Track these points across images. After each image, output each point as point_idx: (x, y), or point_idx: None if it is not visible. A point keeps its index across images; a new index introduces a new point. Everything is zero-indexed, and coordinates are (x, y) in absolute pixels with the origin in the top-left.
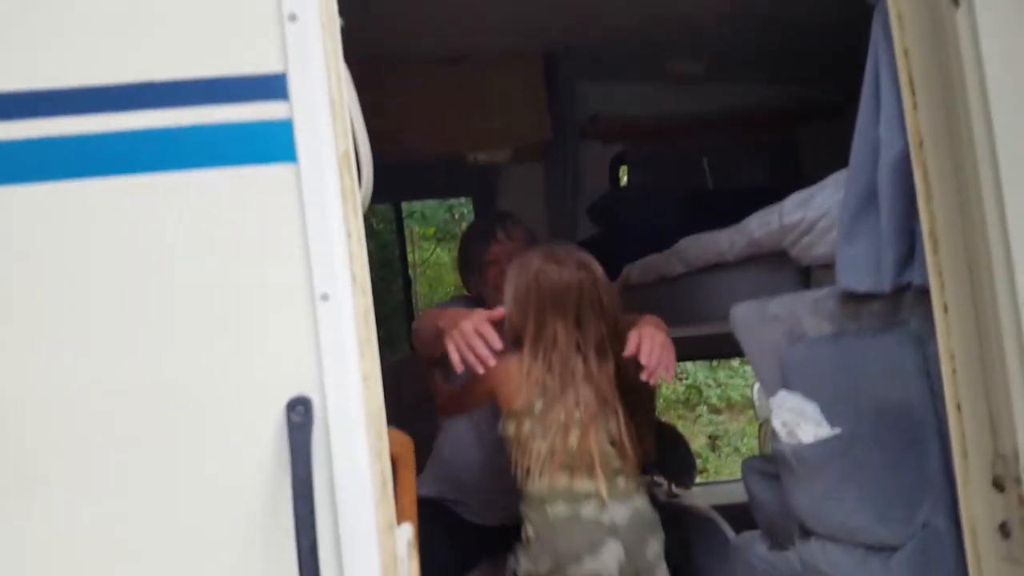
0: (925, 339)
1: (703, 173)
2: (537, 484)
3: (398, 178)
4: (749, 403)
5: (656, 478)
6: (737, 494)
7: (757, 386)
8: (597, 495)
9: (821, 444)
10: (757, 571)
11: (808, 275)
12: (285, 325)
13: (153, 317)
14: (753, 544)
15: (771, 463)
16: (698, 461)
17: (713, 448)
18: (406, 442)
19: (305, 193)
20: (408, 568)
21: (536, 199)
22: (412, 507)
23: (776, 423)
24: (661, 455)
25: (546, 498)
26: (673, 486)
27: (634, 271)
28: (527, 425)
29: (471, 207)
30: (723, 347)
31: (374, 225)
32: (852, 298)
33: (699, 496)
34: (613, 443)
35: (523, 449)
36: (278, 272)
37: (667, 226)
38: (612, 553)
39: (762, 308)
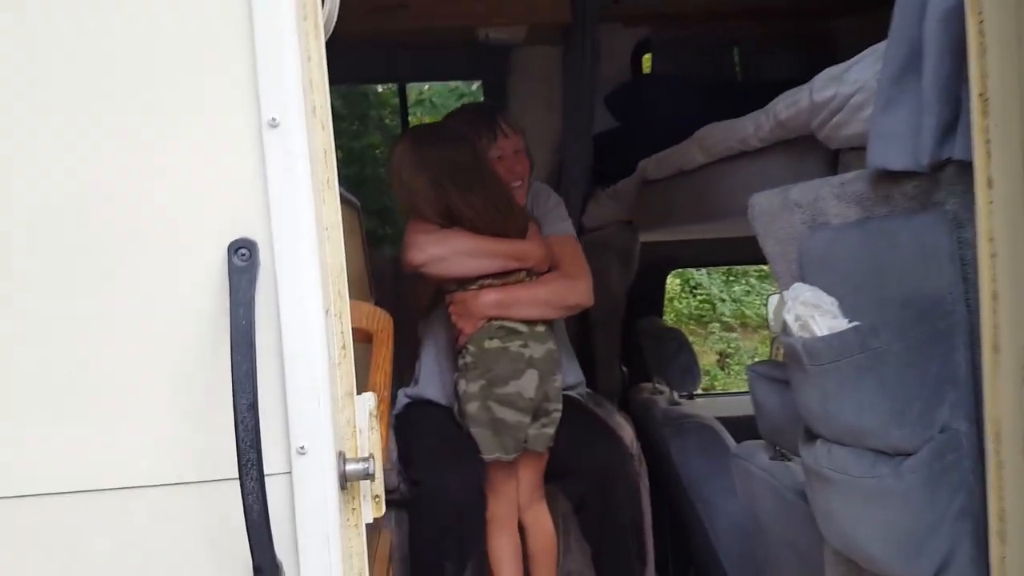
0: (962, 222)
1: (732, 64)
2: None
3: (402, 55)
4: (763, 322)
5: (658, 384)
6: (742, 407)
7: (772, 299)
8: (522, 334)
9: (836, 337)
10: (756, 480)
11: (835, 162)
12: (229, 154)
13: (82, 137)
14: (754, 453)
15: (779, 368)
16: (706, 378)
17: (723, 366)
18: (384, 319)
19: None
20: (369, 439)
21: (551, 86)
22: (385, 384)
23: (788, 317)
24: (664, 360)
25: (483, 334)
26: (675, 393)
27: (650, 165)
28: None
29: (482, 95)
30: (744, 250)
31: (383, 119)
32: (884, 179)
33: (703, 407)
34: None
35: None
36: (222, 92)
37: (692, 118)
38: (531, 379)
39: (783, 195)
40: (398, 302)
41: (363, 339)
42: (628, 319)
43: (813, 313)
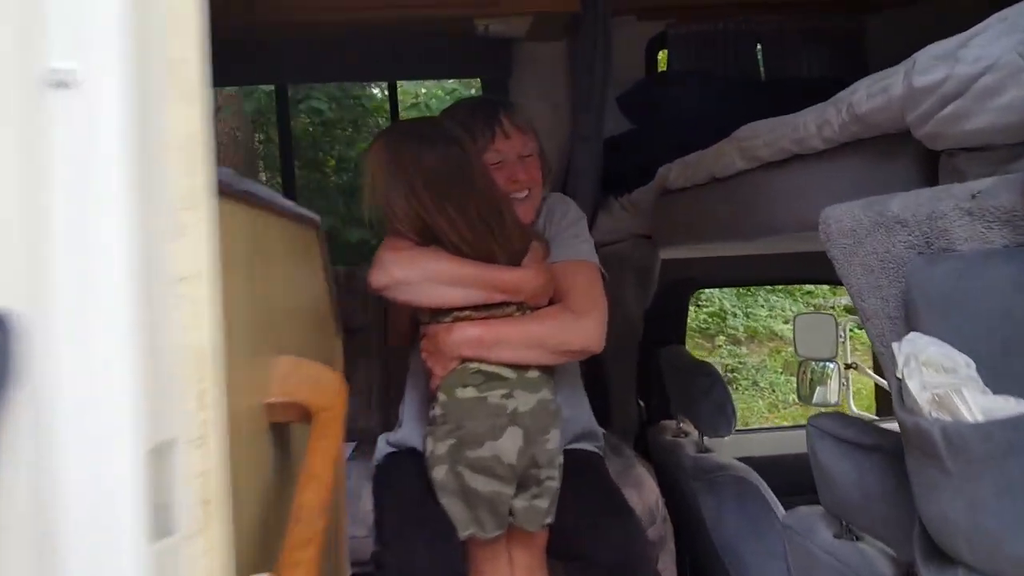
0: None
1: (755, 61)
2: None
3: (393, 51)
4: (772, 335)
5: (682, 425)
6: (763, 445)
7: (800, 319)
8: (506, 380)
9: (1003, 426)
10: (818, 562)
11: (935, 167)
12: None
13: None
14: (813, 527)
15: (848, 425)
16: None
17: (731, 382)
18: (334, 390)
19: None
20: None
21: (557, 85)
22: (317, 508)
23: (912, 385)
24: (692, 399)
25: (456, 379)
26: (704, 437)
27: (673, 171)
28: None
29: (482, 91)
30: (783, 269)
31: (379, 125)
32: None
33: (727, 448)
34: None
35: None
36: None
37: (714, 119)
38: (512, 440)
39: (876, 209)
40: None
41: (299, 418)
42: (645, 347)
43: (958, 386)
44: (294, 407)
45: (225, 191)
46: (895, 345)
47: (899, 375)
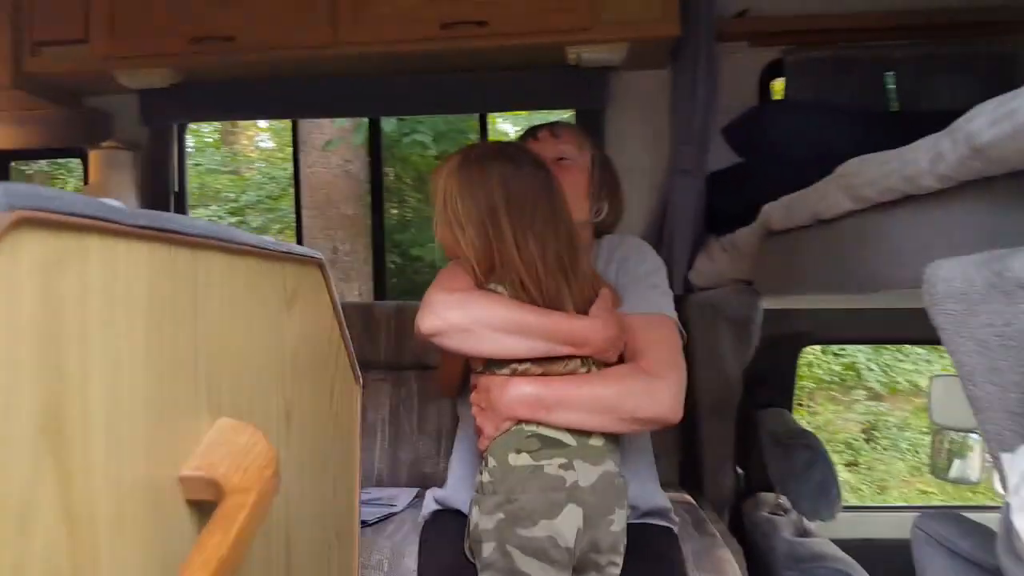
0: None
1: (885, 90)
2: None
3: (478, 82)
4: (917, 390)
5: (782, 500)
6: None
7: (937, 382)
8: (566, 448)
9: None
10: None
11: None
12: None
13: None
14: None
15: (965, 533)
16: (848, 452)
17: (868, 439)
18: (262, 465)
19: None
20: None
21: (657, 116)
22: None
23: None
24: (791, 474)
25: (508, 442)
26: (804, 519)
27: (776, 211)
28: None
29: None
30: (905, 327)
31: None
32: None
33: (845, 523)
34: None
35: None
36: None
37: (835, 155)
38: (571, 519)
39: (994, 267)
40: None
41: (216, 497)
42: (746, 407)
43: None
44: (210, 484)
45: (103, 226)
46: (1006, 457)
47: (1008, 500)
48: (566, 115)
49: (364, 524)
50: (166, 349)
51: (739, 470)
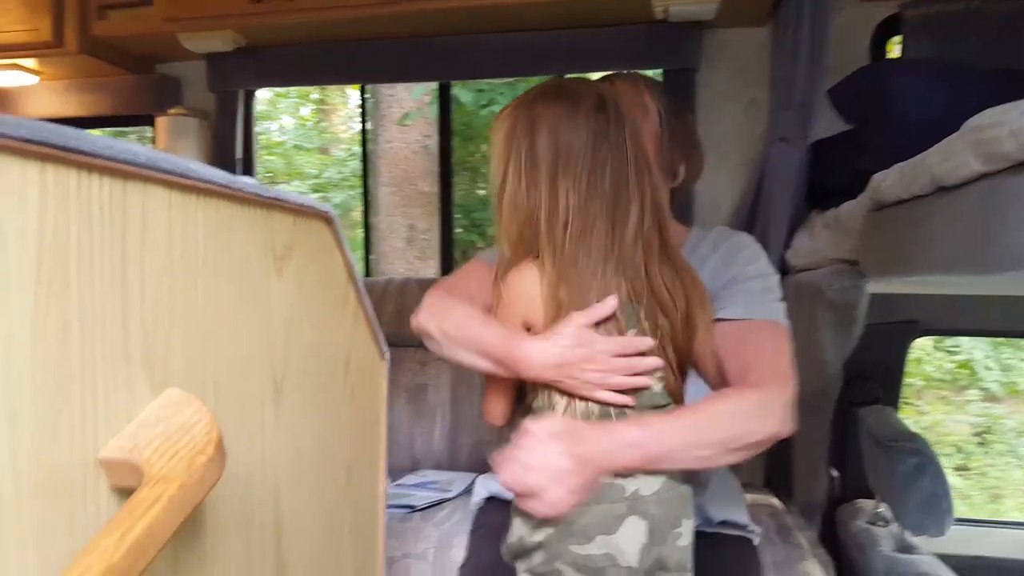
0: None
1: (1019, 49)
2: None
3: (556, 41)
4: None
5: (882, 508)
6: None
7: None
8: None
9: None
10: None
11: None
12: None
13: None
14: None
15: None
16: (958, 456)
17: (982, 443)
18: (197, 452)
19: None
20: None
21: (755, 79)
22: None
23: None
24: (894, 482)
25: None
26: (907, 532)
27: (889, 179)
28: None
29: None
30: None
31: None
32: None
33: (951, 541)
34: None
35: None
36: None
37: (961, 119)
38: (633, 534)
39: None
40: None
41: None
42: (846, 403)
43: None
44: (132, 468)
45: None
46: None
47: None
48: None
49: (413, 509)
50: (73, 302)
51: (834, 473)
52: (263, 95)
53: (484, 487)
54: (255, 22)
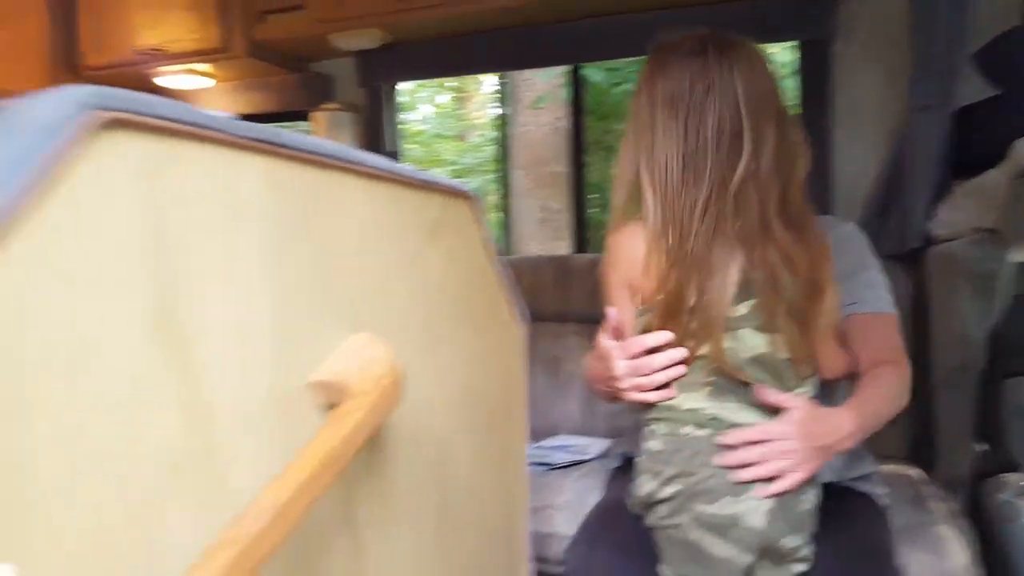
0: None
1: None
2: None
3: (687, 17)
4: None
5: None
6: None
7: None
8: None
9: None
10: None
11: None
12: None
13: None
14: None
15: None
16: None
17: None
18: (381, 375)
19: None
20: None
21: (893, 49)
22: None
23: None
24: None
25: (684, 415)
26: None
27: None
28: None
29: (798, 66)
30: None
31: None
32: None
33: None
34: (788, 345)
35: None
36: None
37: None
38: (759, 499)
39: None
40: None
41: (334, 398)
42: (992, 376)
43: None
44: (335, 388)
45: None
46: None
47: None
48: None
49: (551, 467)
50: (289, 263)
51: (981, 447)
52: (404, 86)
53: (620, 450)
54: (399, 19)
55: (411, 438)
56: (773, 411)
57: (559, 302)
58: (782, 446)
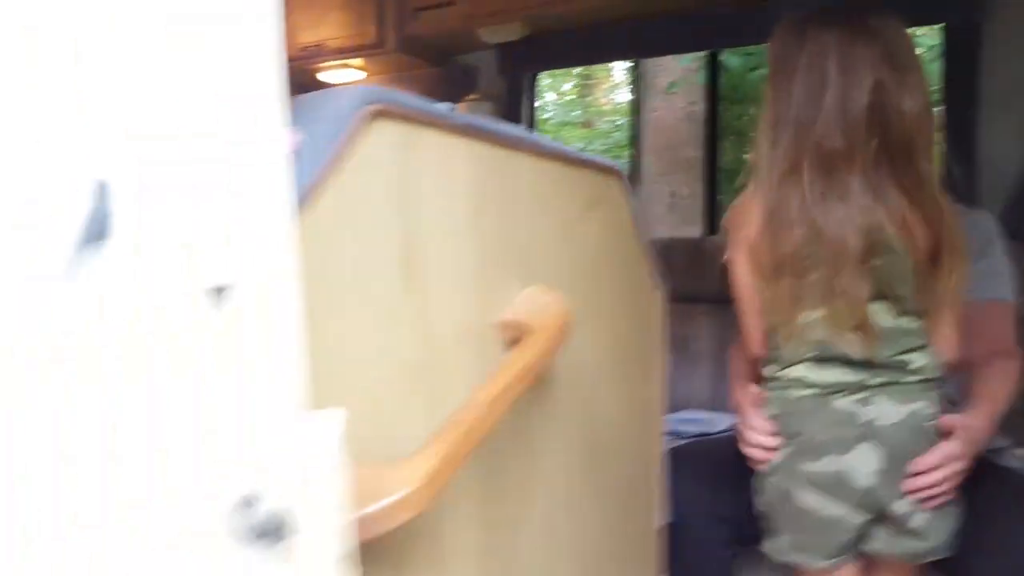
0: None
1: None
2: (782, 352)
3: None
4: None
5: None
6: None
7: None
8: (865, 386)
9: None
10: None
11: None
12: None
13: None
14: None
15: None
16: None
17: None
18: (556, 314)
19: None
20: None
21: None
22: (474, 410)
23: None
24: None
25: (793, 383)
26: None
27: None
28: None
29: (943, 49)
30: None
31: None
32: None
33: None
34: (899, 306)
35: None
36: None
37: None
38: (866, 458)
39: None
40: None
41: (516, 335)
42: None
43: None
44: (517, 327)
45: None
46: None
47: None
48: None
49: (680, 437)
50: (485, 226)
51: None
52: None
53: None
54: (543, 11)
55: (568, 378)
56: (870, 368)
57: (691, 283)
58: (956, 467)
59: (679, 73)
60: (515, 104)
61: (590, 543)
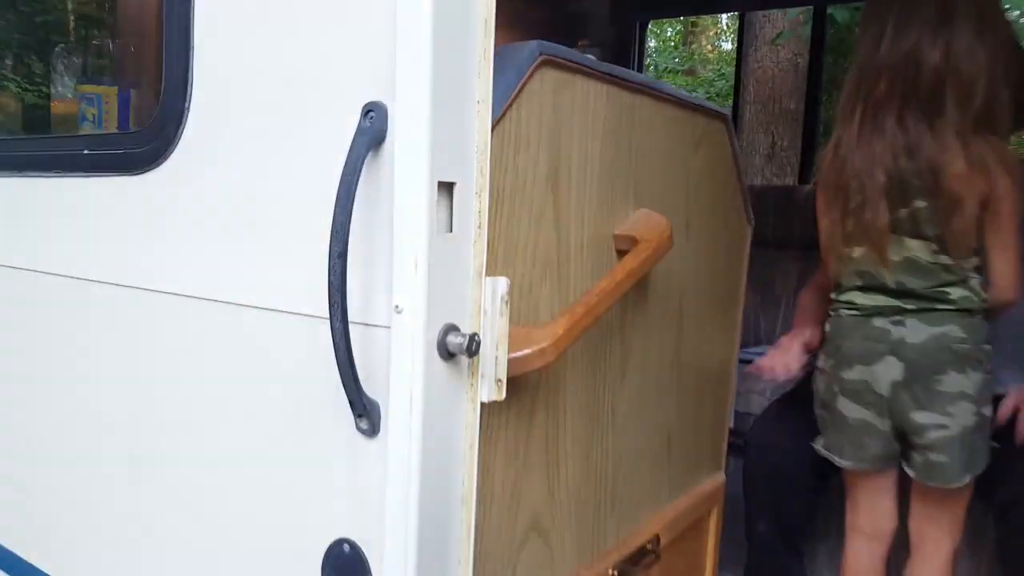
0: None
1: None
2: (842, 280)
3: None
4: None
5: None
6: None
7: None
8: (902, 310)
9: None
10: None
11: None
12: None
13: None
14: None
15: None
16: None
17: None
18: (662, 230)
19: None
20: (493, 322)
21: None
22: (594, 300)
23: None
24: None
25: (841, 305)
26: None
27: None
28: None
29: None
30: None
31: None
32: None
33: None
34: (939, 245)
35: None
36: None
37: None
38: (888, 369)
39: None
40: None
41: (628, 246)
42: None
43: None
44: (629, 239)
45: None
46: None
47: None
48: None
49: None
50: (613, 158)
51: None
52: None
53: None
54: None
55: (664, 290)
56: (909, 296)
57: (781, 230)
58: None
59: (786, 25)
60: (623, 51)
61: (671, 421)
